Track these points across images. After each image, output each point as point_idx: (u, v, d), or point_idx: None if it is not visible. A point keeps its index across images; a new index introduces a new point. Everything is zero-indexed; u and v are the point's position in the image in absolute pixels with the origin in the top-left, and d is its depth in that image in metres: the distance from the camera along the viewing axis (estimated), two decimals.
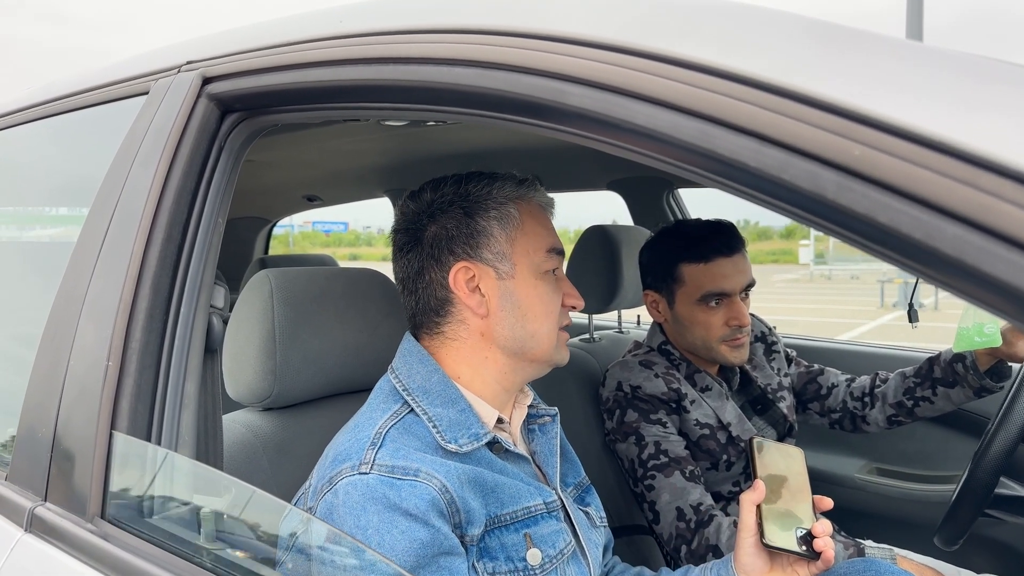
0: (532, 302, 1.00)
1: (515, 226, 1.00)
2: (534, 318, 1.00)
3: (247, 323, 1.12)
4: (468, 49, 0.72)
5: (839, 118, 0.49)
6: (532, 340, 1.01)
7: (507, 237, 0.99)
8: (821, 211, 0.50)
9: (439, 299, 1.00)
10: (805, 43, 0.55)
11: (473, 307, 0.98)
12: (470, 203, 0.99)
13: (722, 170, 0.55)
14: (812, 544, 1.01)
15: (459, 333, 1.00)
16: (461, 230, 0.99)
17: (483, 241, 0.99)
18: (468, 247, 0.99)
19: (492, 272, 0.99)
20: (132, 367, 0.87)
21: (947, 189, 0.44)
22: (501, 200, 1.00)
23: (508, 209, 1.00)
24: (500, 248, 0.99)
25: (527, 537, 0.95)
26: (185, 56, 1.04)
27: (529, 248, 1.01)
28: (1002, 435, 1.37)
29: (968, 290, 0.44)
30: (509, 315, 0.99)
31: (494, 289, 0.99)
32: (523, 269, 1.00)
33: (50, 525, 0.88)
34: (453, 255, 0.99)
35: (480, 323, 0.99)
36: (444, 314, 1.00)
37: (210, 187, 0.94)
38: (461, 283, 0.98)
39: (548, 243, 1.03)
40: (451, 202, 1.00)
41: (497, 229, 0.99)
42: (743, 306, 1.55)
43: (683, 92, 0.56)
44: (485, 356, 1.00)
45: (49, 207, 1.41)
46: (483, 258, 0.99)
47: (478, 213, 0.99)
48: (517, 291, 1.00)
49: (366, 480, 0.86)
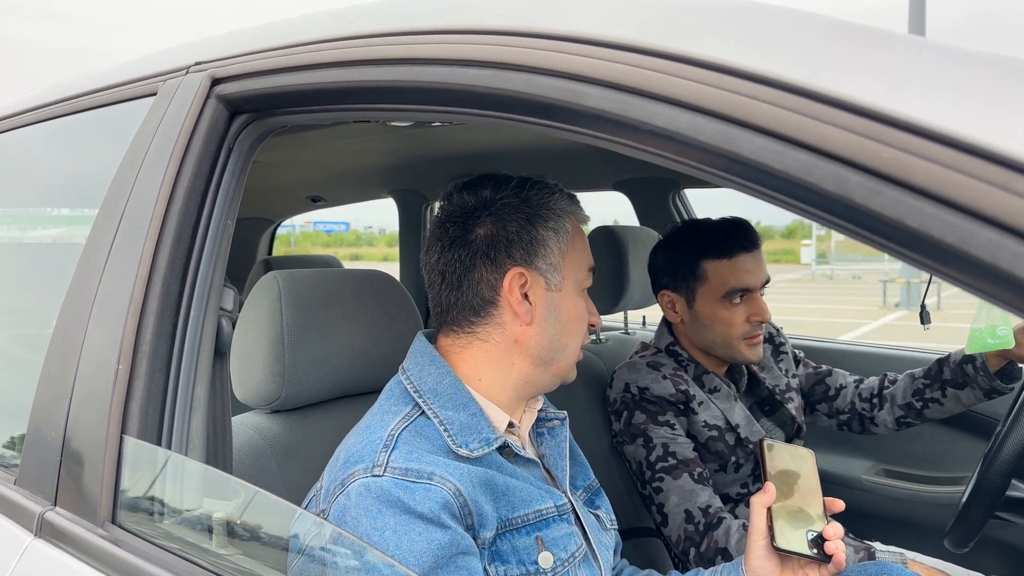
0: (571, 316, 1.02)
1: (567, 240, 1.01)
2: (569, 332, 1.02)
3: (255, 325, 1.12)
4: (483, 50, 0.71)
5: (866, 120, 0.48)
6: (562, 353, 1.02)
7: (560, 250, 1.00)
8: (848, 215, 0.49)
9: (483, 299, 0.99)
10: (829, 43, 0.54)
11: (520, 314, 0.98)
12: (532, 210, 0.99)
13: (744, 172, 0.54)
14: (823, 547, 1.00)
15: (492, 335, 1.00)
16: (522, 236, 0.98)
17: (540, 251, 0.99)
18: (526, 253, 0.98)
19: (543, 282, 0.99)
20: (142, 370, 0.86)
21: (980, 193, 0.43)
22: (559, 213, 1.01)
23: (564, 223, 1.01)
24: (553, 260, 1.00)
25: (539, 540, 0.94)
26: (194, 57, 1.03)
27: (576, 264, 1.02)
28: (1013, 437, 1.36)
29: (1002, 296, 0.44)
30: (550, 326, 1.00)
31: (542, 299, 0.99)
32: (569, 283, 1.01)
33: (60, 530, 0.88)
34: (510, 259, 0.98)
35: (519, 330, 0.99)
36: (483, 315, 1.00)
37: (219, 189, 0.94)
38: (515, 288, 0.98)
39: (589, 261, 1.05)
40: (514, 205, 0.99)
41: (553, 241, 1.00)
42: (763, 301, 1.55)
43: (704, 93, 0.55)
44: (512, 362, 1.00)
45: (55, 208, 1.41)
46: (538, 267, 0.99)
47: (539, 221, 0.99)
48: (562, 304, 1.01)
49: (380, 483, 0.85)
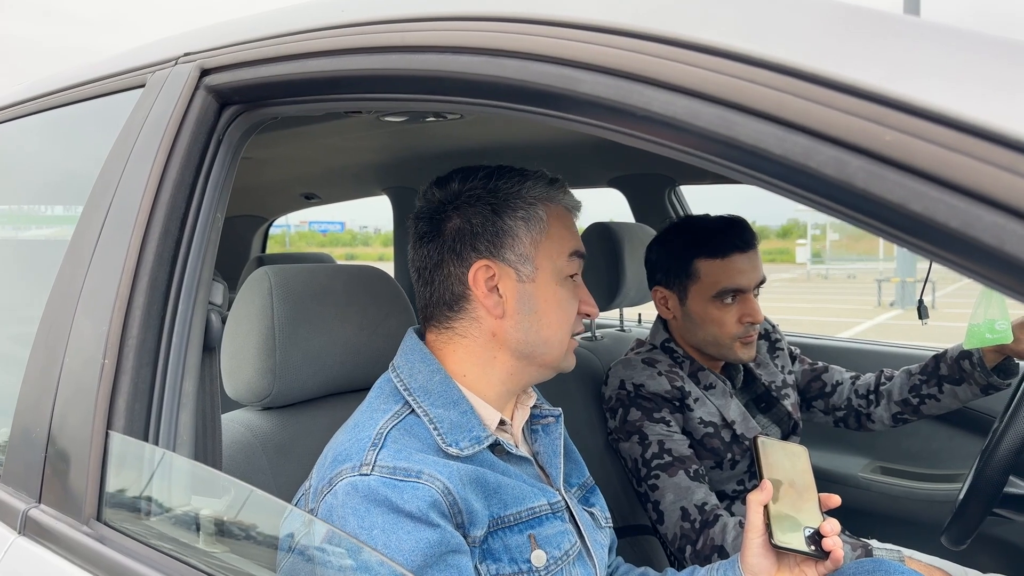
0: (549, 307, 0.98)
1: (541, 229, 0.98)
2: (549, 324, 0.98)
3: (246, 321, 1.10)
4: (476, 36, 0.70)
5: (868, 102, 0.47)
6: (544, 346, 0.99)
7: (532, 239, 0.97)
8: (849, 200, 0.48)
9: (455, 294, 0.98)
10: (829, 25, 0.53)
11: (489, 307, 0.96)
12: (499, 200, 0.97)
13: (743, 158, 0.53)
14: (820, 544, 0.99)
15: (470, 331, 0.98)
16: (487, 227, 0.96)
17: (507, 241, 0.96)
18: (492, 246, 0.96)
19: (513, 274, 0.97)
20: (129, 365, 0.85)
21: (985, 175, 0.42)
22: (530, 200, 0.98)
23: (536, 210, 0.97)
24: (523, 250, 0.97)
25: (531, 538, 0.93)
26: (182, 48, 1.02)
27: (553, 252, 0.98)
28: (1011, 433, 1.35)
29: (1008, 282, 0.42)
30: (525, 319, 0.97)
31: (513, 291, 0.97)
32: (544, 273, 0.98)
33: (44, 527, 0.86)
34: (475, 252, 0.96)
35: (494, 323, 0.97)
36: (458, 310, 0.98)
37: (208, 181, 0.93)
38: (480, 282, 0.96)
39: (571, 246, 1.00)
40: (479, 196, 0.97)
41: (523, 230, 0.97)
42: (756, 303, 1.53)
43: (702, 77, 0.54)
44: (493, 356, 0.98)
45: (45, 204, 1.39)
46: (505, 258, 0.96)
47: (506, 212, 0.97)
48: (536, 295, 0.97)
49: (367, 481, 0.84)
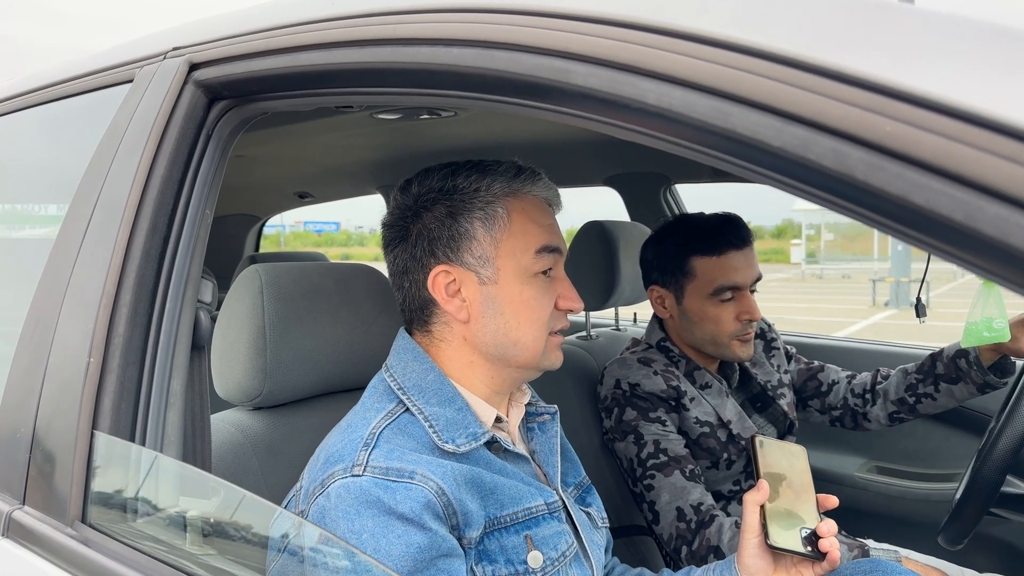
0: (516, 308, 0.94)
1: (502, 227, 0.93)
2: (518, 326, 0.94)
3: (236, 319, 1.09)
4: (467, 28, 0.68)
5: (868, 92, 0.46)
6: (515, 347, 0.95)
7: (492, 239, 0.93)
8: (849, 193, 0.47)
9: (422, 299, 0.96)
10: (827, 13, 0.52)
11: (452, 312, 0.94)
12: (455, 201, 0.94)
13: (739, 150, 0.52)
14: (817, 544, 0.98)
15: (444, 335, 0.97)
16: (443, 231, 0.93)
17: (464, 244, 0.93)
18: (449, 249, 0.93)
19: (474, 277, 0.94)
20: (115, 363, 0.84)
21: (989, 166, 0.41)
22: (489, 199, 0.93)
23: (495, 208, 0.93)
24: (483, 251, 0.93)
25: (528, 539, 0.92)
26: (171, 42, 1.00)
27: (516, 249, 0.94)
28: (1008, 432, 1.35)
29: (1012, 276, 0.41)
30: (491, 321, 0.94)
31: (476, 295, 0.94)
32: (508, 273, 0.94)
33: (28, 530, 0.85)
34: (434, 257, 0.94)
35: (462, 328, 0.95)
36: (428, 315, 0.97)
37: (197, 177, 0.91)
38: (440, 287, 0.94)
39: (540, 242, 0.95)
40: (436, 199, 0.94)
41: (481, 231, 0.93)
42: (753, 300, 1.52)
43: (697, 68, 0.53)
44: (470, 360, 0.97)
45: (32, 203, 1.37)
46: (464, 262, 0.93)
47: (462, 213, 0.93)
48: (500, 297, 0.94)
49: (359, 482, 0.82)
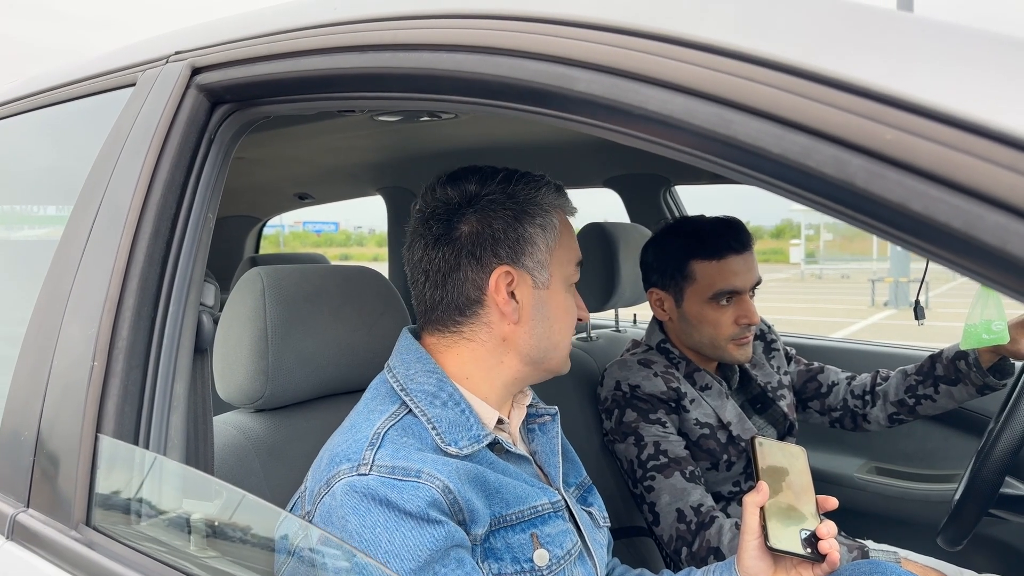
0: (560, 314, 1.00)
1: (555, 236, 0.98)
2: (559, 330, 1.00)
3: (238, 322, 1.09)
4: (469, 34, 0.69)
5: (868, 100, 0.46)
6: (553, 350, 1.00)
7: (547, 247, 0.98)
8: (849, 200, 0.47)
9: (469, 299, 0.96)
10: (828, 22, 0.52)
11: (507, 313, 0.96)
12: (519, 206, 0.97)
13: (740, 157, 0.52)
14: (817, 546, 0.98)
15: (479, 335, 0.97)
16: (508, 233, 0.96)
17: (527, 248, 0.96)
18: (512, 252, 0.96)
19: (531, 280, 0.97)
20: (118, 367, 0.84)
21: (988, 175, 0.41)
22: (546, 208, 0.98)
23: (551, 218, 0.98)
24: (541, 257, 0.97)
25: (534, 537, 0.92)
26: (173, 46, 1.00)
27: (564, 259, 1.00)
28: (1007, 434, 1.35)
29: (1011, 283, 0.42)
30: (539, 325, 0.98)
31: (529, 298, 0.97)
32: (557, 281, 0.99)
33: (33, 532, 0.85)
34: (496, 257, 0.96)
35: (506, 329, 0.97)
36: (469, 314, 0.97)
37: (199, 181, 0.92)
38: (501, 287, 0.95)
39: (577, 256, 1.03)
40: (500, 201, 0.96)
41: (540, 237, 0.97)
42: (752, 304, 1.53)
43: (699, 75, 0.53)
44: (501, 360, 0.98)
45: (35, 204, 1.38)
46: (524, 265, 0.96)
47: (526, 218, 0.97)
48: (550, 302, 0.98)
49: (366, 481, 0.83)
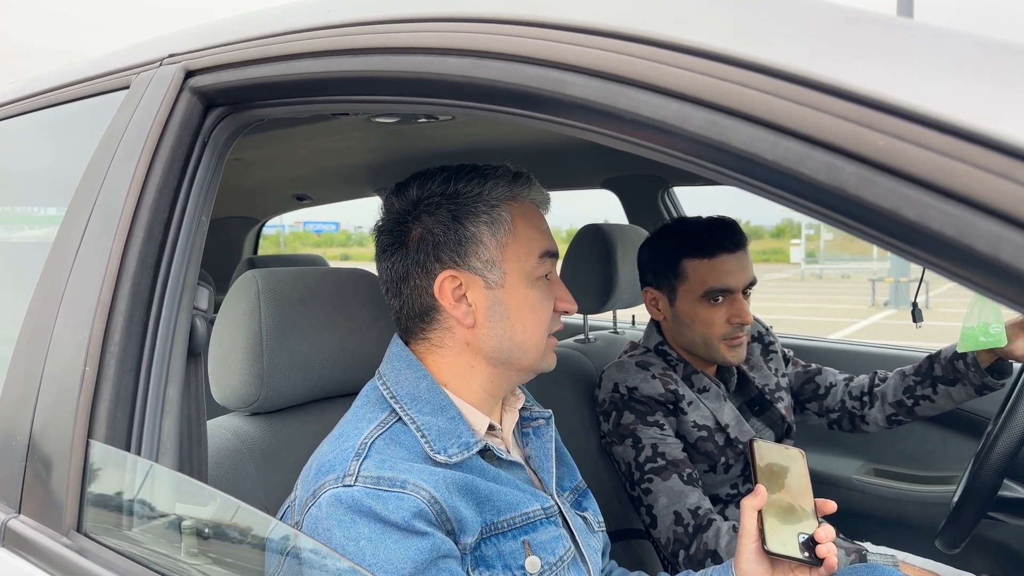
0: (522, 312, 0.95)
1: (506, 231, 0.94)
2: (523, 328, 0.95)
3: (233, 325, 1.09)
4: (462, 38, 0.68)
5: (861, 107, 0.46)
6: (519, 351, 0.96)
7: (497, 243, 0.93)
8: (841, 207, 0.47)
9: (424, 306, 0.95)
10: (821, 28, 0.52)
11: (459, 317, 0.93)
12: (459, 205, 0.93)
13: (734, 163, 0.52)
14: (815, 550, 0.98)
15: (444, 341, 0.96)
16: (448, 236, 0.93)
17: (471, 248, 0.93)
18: (456, 254, 0.93)
19: (480, 281, 0.93)
20: (110, 371, 0.83)
21: (981, 182, 0.41)
22: (492, 203, 0.93)
23: (500, 212, 0.93)
24: (489, 255, 0.93)
25: (525, 544, 0.92)
26: (167, 49, 1.00)
27: (521, 254, 0.94)
28: (1005, 436, 1.35)
29: (1003, 291, 0.41)
30: (497, 326, 0.94)
31: (482, 299, 0.94)
32: (514, 277, 0.94)
33: (24, 539, 0.84)
34: (440, 262, 0.93)
35: (466, 333, 0.95)
36: (429, 321, 0.96)
37: (193, 184, 0.91)
38: (447, 292, 0.93)
39: (541, 247, 0.96)
40: (439, 203, 0.94)
41: (487, 235, 0.93)
42: (745, 303, 1.53)
43: (692, 81, 0.53)
44: (471, 365, 0.96)
45: (29, 207, 1.37)
46: (471, 266, 0.93)
47: (467, 217, 0.93)
48: (507, 300, 0.94)
49: (351, 492, 0.82)
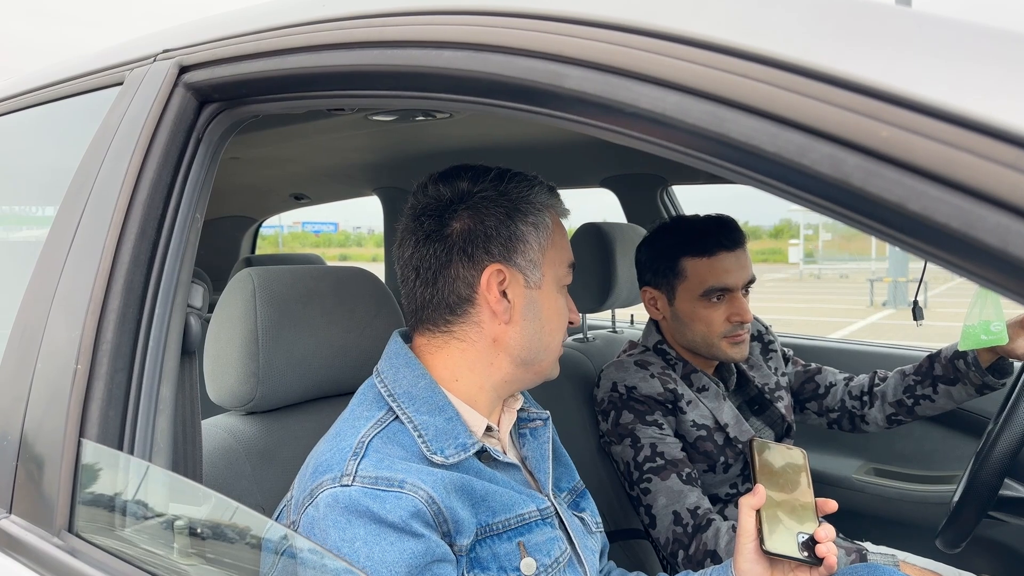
0: (551, 315, 0.98)
1: (547, 236, 0.97)
2: (550, 331, 0.98)
3: (228, 323, 1.08)
4: (458, 31, 0.67)
5: (864, 97, 0.45)
6: (544, 352, 0.98)
7: (539, 246, 0.96)
8: (845, 199, 0.46)
9: (460, 297, 0.95)
10: (823, 18, 0.51)
11: (498, 312, 0.94)
12: (512, 204, 0.95)
13: (735, 156, 0.51)
14: (814, 549, 0.97)
15: (469, 335, 0.96)
16: (500, 231, 0.94)
17: (519, 246, 0.95)
18: (505, 249, 0.94)
19: (522, 279, 0.95)
20: (103, 370, 0.82)
21: (988, 173, 0.40)
22: (539, 207, 0.97)
23: (544, 217, 0.97)
24: (533, 256, 0.96)
25: (521, 546, 0.91)
26: (161, 44, 0.99)
27: (556, 260, 0.98)
28: (1006, 435, 1.34)
29: (1011, 285, 0.40)
30: (530, 325, 0.96)
31: (521, 297, 0.95)
32: (548, 280, 0.97)
33: (14, 539, 0.83)
34: (488, 255, 0.94)
35: (497, 329, 0.95)
36: (460, 313, 0.95)
37: (187, 181, 0.90)
38: (493, 285, 0.94)
39: (569, 257, 1.01)
40: (492, 199, 0.95)
41: (533, 236, 0.96)
42: (745, 302, 1.52)
43: (692, 72, 0.52)
44: (491, 362, 0.96)
45: (21, 204, 1.36)
46: (516, 263, 0.95)
47: (519, 216, 0.95)
48: (541, 302, 0.97)
49: (348, 492, 0.82)
